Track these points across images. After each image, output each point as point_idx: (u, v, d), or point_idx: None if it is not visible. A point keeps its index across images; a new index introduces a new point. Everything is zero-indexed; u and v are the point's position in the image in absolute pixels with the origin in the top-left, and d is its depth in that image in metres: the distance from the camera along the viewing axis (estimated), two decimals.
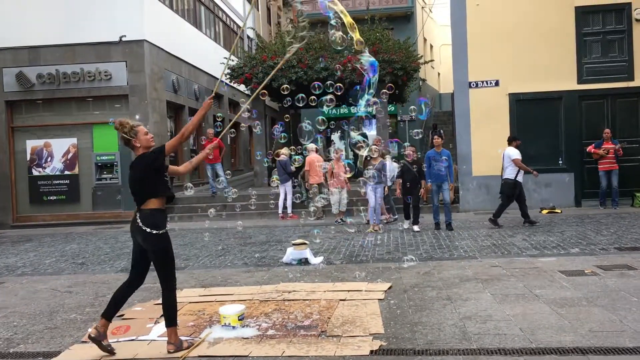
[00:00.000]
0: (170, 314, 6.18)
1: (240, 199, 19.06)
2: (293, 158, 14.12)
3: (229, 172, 14.12)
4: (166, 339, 6.19)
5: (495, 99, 17.61)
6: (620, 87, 17.27)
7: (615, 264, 9.32)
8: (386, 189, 14.81)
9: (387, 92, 10.30)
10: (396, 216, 16.25)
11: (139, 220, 6.02)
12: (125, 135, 6.01)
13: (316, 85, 9.50)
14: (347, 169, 15.45)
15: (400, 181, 14.43)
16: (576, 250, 10.61)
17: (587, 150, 16.86)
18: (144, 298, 8.55)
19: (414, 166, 13.95)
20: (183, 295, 8.55)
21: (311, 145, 17.81)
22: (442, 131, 19.71)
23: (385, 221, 15.60)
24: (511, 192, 14.09)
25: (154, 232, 5.96)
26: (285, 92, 12.41)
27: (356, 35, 7.05)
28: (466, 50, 17.87)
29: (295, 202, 17.54)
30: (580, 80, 17.37)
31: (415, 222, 14.25)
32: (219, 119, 18.30)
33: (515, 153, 14.06)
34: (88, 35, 19.10)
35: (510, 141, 14.46)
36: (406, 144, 16.08)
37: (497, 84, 17.70)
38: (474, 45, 17.80)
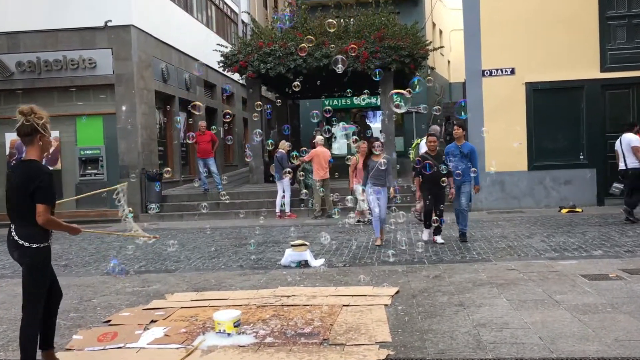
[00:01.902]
0: (26, 347, 5.47)
1: (235, 196, 19.13)
2: (292, 154, 14.12)
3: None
4: (157, 346, 6.15)
5: (510, 89, 17.55)
6: None
7: None
8: (392, 191, 12.69)
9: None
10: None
11: (14, 234, 5.50)
12: (37, 126, 5.47)
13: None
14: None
15: (420, 180, 12.34)
16: (599, 253, 10.58)
17: None
18: (132, 302, 8.54)
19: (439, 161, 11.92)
20: (174, 299, 8.54)
21: (319, 138, 17.81)
22: (454, 122, 19.53)
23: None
24: (638, 182, 13.87)
25: (34, 245, 5.46)
26: (297, 89, 12.46)
27: None
28: (479, 36, 17.80)
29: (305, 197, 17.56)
30: (603, 68, 17.30)
31: (438, 232, 12.42)
32: (228, 119, 18.01)
33: (635, 139, 13.89)
34: (71, 20, 19.08)
35: (630, 126, 14.31)
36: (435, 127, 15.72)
37: (512, 72, 17.64)
38: (488, 31, 17.72)
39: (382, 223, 12.35)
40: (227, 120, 15.74)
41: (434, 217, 12.03)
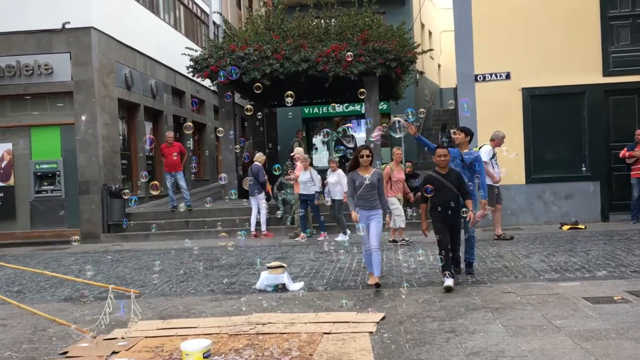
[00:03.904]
0: None
1: (206, 214, 19.07)
2: (274, 167, 14.07)
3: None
4: None
5: (505, 95, 17.65)
6: None
7: None
8: (387, 218, 11.25)
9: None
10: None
11: None
12: None
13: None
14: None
15: (426, 206, 10.56)
16: (603, 273, 10.63)
17: (620, 155, 16.91)
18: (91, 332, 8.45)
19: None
20: (138, 328, 8.46)
21: (298, 149, 17.81)
22: (451, 129, 19.42)
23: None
24: None
25: None
26: (258, 91, 12.40)
27: None
28: (471, 38, 17.90)
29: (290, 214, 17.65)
30: (606, 73, 17.46)
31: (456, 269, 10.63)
32: (189, 131, 17.83)
33: None
34: (26, 22, 18.98)
35: None
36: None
37: (508, 77, 17.76)
38: (481, 32, 17.84)
39: (377, 257, 10.36)
40: (189, 132, 15.72)
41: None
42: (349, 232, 16.33)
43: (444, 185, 10.04)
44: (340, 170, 16.84)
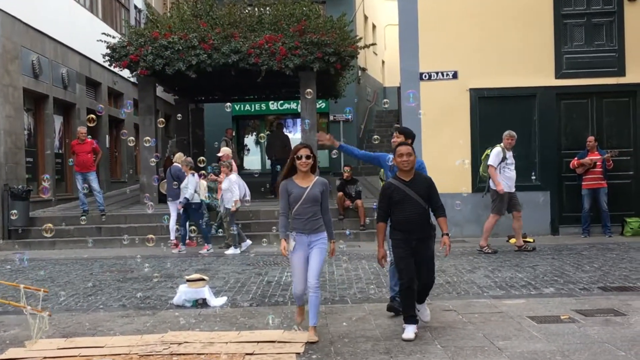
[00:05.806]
0: None
1: (121, 220, 18.81)
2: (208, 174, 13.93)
3: None
4: None
5: (452, 96, 17.84)
6: (608, 83, 17.76)
7: (599, 307, 9.49)
8: (332, 246, 8.45)
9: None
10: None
11: None
12: None
13: None
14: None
15: (382, 225, 8.48)
16: (551, 290, 10.79)
17: (570, 165, 17.20)
18: None
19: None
20: (36, 348, 8.29)
21: (226, 149, 17.69)
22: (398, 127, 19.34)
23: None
24: None
25: None
26: (162, 125, 12.23)
27: None
28: (417, 33, 18.04)
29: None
30: (558, 75, 17.80)
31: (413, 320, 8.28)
32: (92, 123, 17.50)
33: None
34: None
35: None
36: None
37: (455, 76, 17.95)
38: (427, 27, 18.00)
39: (315, 300, 8.28)
40: (91, 125, 15.51)
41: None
42: (249, 241, 16.92)
43: (408, 197, 8.28)
44: (232, 176, 16.69)
